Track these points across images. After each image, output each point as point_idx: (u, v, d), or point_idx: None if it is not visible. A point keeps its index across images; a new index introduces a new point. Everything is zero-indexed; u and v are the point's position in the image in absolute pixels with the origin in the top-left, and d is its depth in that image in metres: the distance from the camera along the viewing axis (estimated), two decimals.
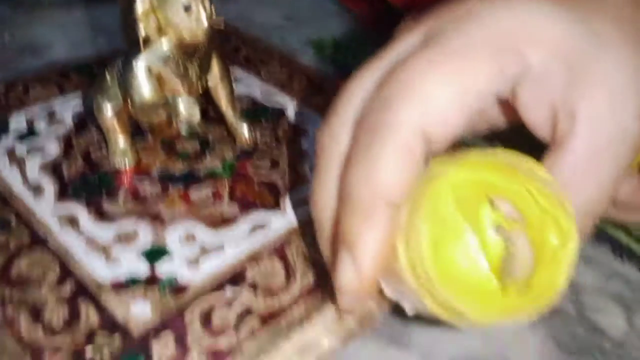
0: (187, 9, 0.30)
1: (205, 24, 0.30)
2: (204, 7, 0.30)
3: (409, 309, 0.23)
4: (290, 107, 0.43)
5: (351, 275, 0.20)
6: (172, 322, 0.26)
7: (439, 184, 0.21)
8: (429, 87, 0.20)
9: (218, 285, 0.28)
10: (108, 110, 0.34)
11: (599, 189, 0.21)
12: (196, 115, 0.30)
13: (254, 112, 0.42)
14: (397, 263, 0.20)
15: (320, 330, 0.26)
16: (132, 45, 0.31)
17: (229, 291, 0.28)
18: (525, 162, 0.19)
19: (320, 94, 0.45)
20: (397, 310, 0.30)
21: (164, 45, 0.31)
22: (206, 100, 0.40)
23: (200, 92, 0.35)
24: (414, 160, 0.20)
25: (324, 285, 0.28)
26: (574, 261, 0.20)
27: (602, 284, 0.33)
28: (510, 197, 0.21)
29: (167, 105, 0.30)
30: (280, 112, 0.42)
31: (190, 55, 0.32)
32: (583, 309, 0.32)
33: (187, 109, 0.29)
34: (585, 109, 0.21)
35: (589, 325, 0.31)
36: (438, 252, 0.22)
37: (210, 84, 0.36)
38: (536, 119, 0.22)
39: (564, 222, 0.20)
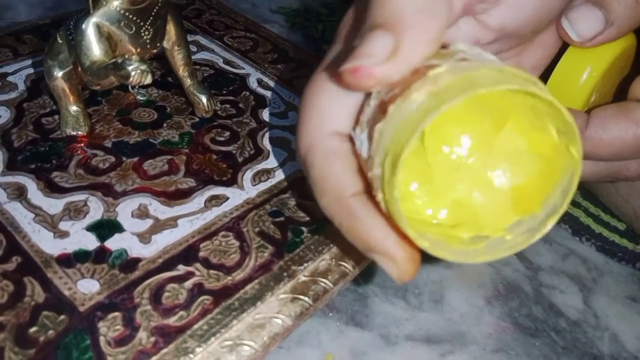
0: None
1: None
2: None
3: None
4: (254, 76, 0.41)
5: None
6: (120, 299, 0.25)
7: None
8: None
9: (170, 262, 0.27)
10: (58, 75, 0.32)
11: None
12: (147, 78, 0.28)
13: (215, 80, 0.40)
14: None
15: (274, 309, 0.26)
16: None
17: (181, 268, 0.27)
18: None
19: (286, 63, 0.43)
20: (356, 290, 0.30)
21: (115, 3, 0.29)
22: (165, 68, 0.39)
23: (154, 54, 0.33)
24: None
25: (279, 263, 0.28)
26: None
27: (559, 264, 0.33)
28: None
29: (117, 67, 0.28)
30: (243, 81, 0.41)
31: (144, 16, 0.31)
32: (540, 288, 0.32)
33: (136, 72, 0.28)
34: None
35: (546, 304, 0.31)
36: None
37: (166, 47, 0.34)
38: None
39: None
